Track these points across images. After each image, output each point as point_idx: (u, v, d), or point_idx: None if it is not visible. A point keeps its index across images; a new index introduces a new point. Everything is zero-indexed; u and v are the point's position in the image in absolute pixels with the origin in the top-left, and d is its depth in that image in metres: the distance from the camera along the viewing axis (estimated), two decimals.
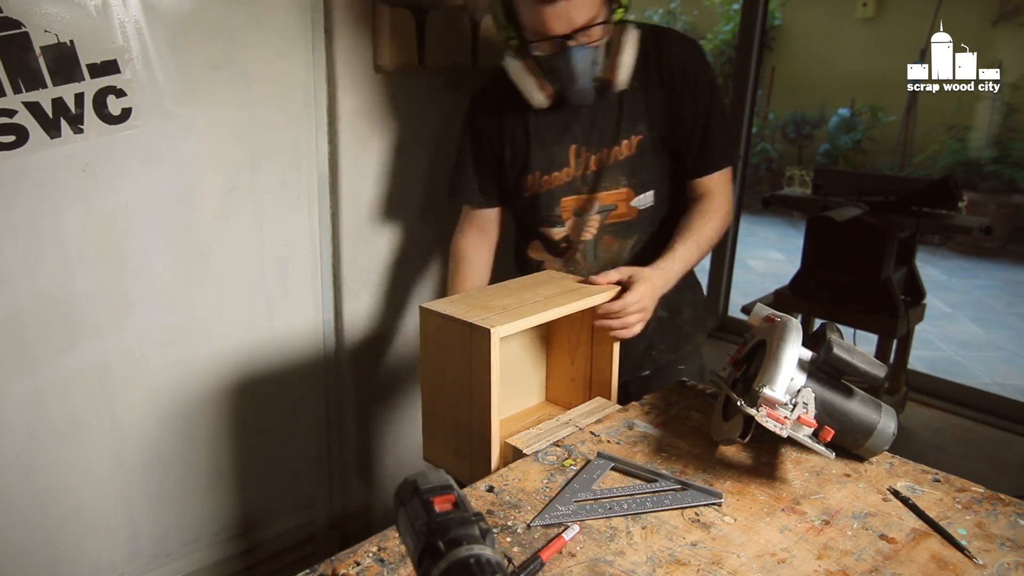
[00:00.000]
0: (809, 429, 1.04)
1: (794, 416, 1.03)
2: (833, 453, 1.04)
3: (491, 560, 0.59)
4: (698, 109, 1.45)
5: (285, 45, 1.60)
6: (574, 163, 1.51)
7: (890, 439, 1.10)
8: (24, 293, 1.39)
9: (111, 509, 1.60)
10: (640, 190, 1.50)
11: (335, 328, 1.87)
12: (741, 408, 1.05)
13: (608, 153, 1.48)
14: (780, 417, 1.03)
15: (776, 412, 1.03)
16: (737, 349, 1.26)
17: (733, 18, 7.45)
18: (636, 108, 1.46)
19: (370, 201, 1.83)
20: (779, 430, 1.02)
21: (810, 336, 1.18)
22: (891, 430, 1.10)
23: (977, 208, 5.96)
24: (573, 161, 1.51)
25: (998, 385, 3.68)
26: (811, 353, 1.13)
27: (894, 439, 1.11)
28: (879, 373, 1.09)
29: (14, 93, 1.28)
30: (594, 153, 1.49)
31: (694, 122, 1.45)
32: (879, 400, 1.12)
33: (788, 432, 1.03)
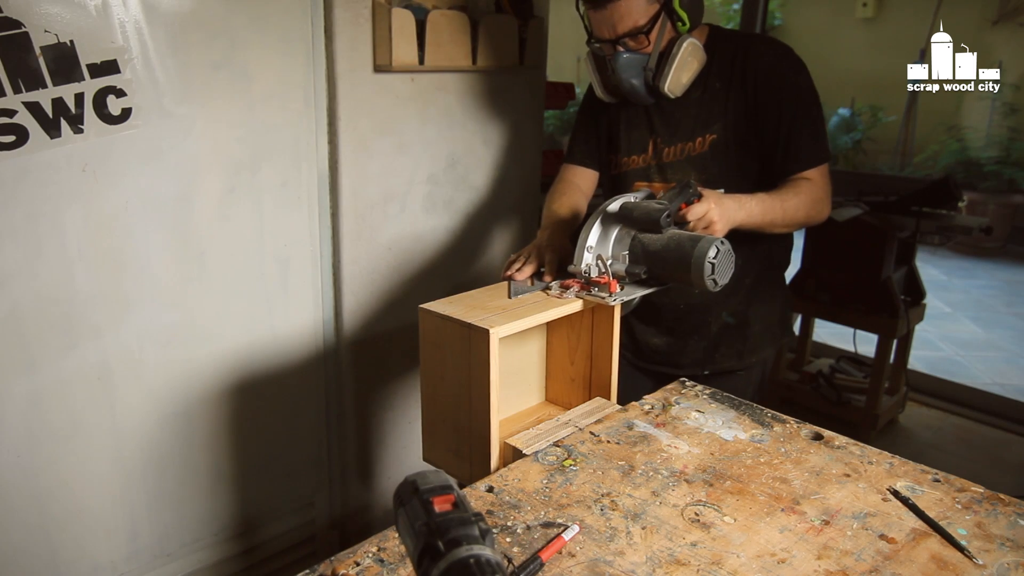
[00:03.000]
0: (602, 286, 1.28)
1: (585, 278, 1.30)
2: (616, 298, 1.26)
3: (491, 560, 0.59)
4: (784, 108, 1.48)
5: (285, 45, 1.60)
6: (650, 151, 1.61)
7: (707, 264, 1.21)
8: (24, 293, 1.39)
9: (111, 509, 1.60)
10: (710, 187, 1.52)
11: (335, 328, 1.87)
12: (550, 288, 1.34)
13: (682, 148, 1.57)
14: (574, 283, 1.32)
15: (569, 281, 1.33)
16: None
17: (733, 18, 7.44)
18: (714, 108, 1.53)
19: (370, 201, 1.83)
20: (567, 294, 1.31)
21: None
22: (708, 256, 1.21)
23: (977, 208, 5.96)
24: (650, 150, 1.61)
25: (998, 385, 3.68)
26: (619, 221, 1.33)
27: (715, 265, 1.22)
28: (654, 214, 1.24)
29: (14, 93, 1.28)
30: (668, 146, 1.58)
31: (780, 121, 1.49)
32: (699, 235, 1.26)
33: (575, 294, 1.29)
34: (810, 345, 3.31)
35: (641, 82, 1.50)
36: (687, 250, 1.24)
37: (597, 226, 1.33)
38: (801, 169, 1.50)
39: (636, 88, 1.51)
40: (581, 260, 1.32)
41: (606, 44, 1.50)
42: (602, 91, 1.61)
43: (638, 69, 1.49)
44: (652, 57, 1.48)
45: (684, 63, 1.48)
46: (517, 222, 2.16)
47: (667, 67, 1.47)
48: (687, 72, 1.50)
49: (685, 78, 1.50)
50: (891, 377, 3.01)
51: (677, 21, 1.46)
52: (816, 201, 1.49)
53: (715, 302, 1.62)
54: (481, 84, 1.95)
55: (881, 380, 2.87)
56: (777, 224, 1.46)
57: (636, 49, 1.48)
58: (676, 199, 1.30)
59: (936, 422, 3.14)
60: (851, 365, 3.25)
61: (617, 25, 1.44)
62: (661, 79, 1.48)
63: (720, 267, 1.24)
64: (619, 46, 1.48)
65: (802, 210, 1.47)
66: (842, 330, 3.15)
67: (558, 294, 1.31)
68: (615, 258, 1.33)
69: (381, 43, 1.71)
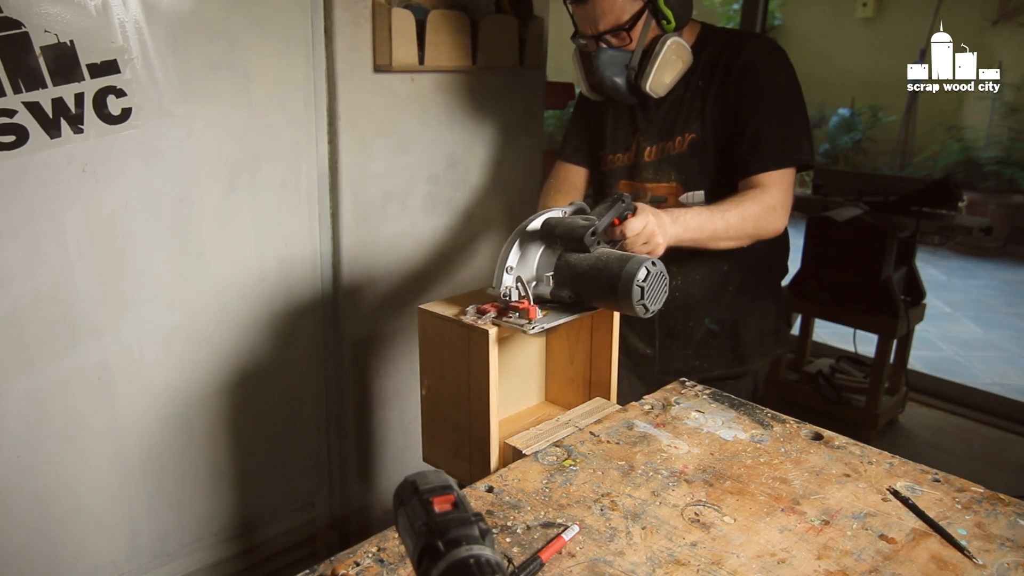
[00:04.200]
0: (521, 311, 1.16)
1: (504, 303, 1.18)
2: (535, 327, 1.15)
3: (491, 560, 0.59)
4: (756, 105, 1.44)
5: (285, 45, 1.60)
6: (633, 150, 1.60)
7: (635, 288, 1.10)
8: (24, 293, 1.39)
9: (111, 509, 1.60)
10: (689, 187, 1.53)
11: (335, 328, 1.87)
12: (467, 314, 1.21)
13: (661, 147, 1.55)
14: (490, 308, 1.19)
15: (485, 306, 1.20)
16: None
17: (733, 18, 7.45)
18: (694, 108, 1.51)
19: (370, 201, 1.83)
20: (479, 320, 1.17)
21: None
22: (637, 278, 1.10)
23: (977, 208, 5.96)
24: (633, 148, 1.60)
25: (998, 385, 3.68)
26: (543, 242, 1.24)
27: (644, 289, 1.11)
28: (578, 233, 1.15)
29: (14, 93, 1.28)
30: (650, 144, 1.56)
31: (750, 119, 1.44)
32: (629, 255, 1.15)
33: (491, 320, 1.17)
34: (810, 345, 3.31)
35: (623, 80, 1.48)
36: (614, 271, 1.13)
37: (517, 245, 1.23)
38: (761, 170, 1.44)
39: (618, 86, 1.48)
40: (500, 282, 1.20)
41: (589, 40, 1.47)
42: (586, 88, 1.59)
43: (620, 67, 1.46)
44: (635, 55, 1.45)
45: (667, 62, 1.45)
46: (517, 222, 2.15)
47: (649, 66, 1.44)
48: (670, 72, 1.46)
49: (668, 78, 1.47)
50: (891, 377, 3.01)
51: (662, 19, 1.43)
52: (768, 210, 1.42)
53: (697, 306, 1.60)
54: (481, 84, 1.95)
55: (881, 380, 2.87)
56: (720, 238, 1.39)
57: (619, 46, 1.46)
58: (606, 214, 1.21)
59: (936, 422, 3.14)
60: (851, 365, 3.25)
61: (599, 21, 1.43)
62: (643, 78, 1.45)
63: (651, 291, 1.13)
64: (601, 42, 1.46)
65: (749, 222, 1.40)
66: (842, 330, 3.15)
67: (472, 320, 1.18)
68: (540, 280, 1.22)
69: (381, 43, 1.71)
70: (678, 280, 1.58)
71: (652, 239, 1.26)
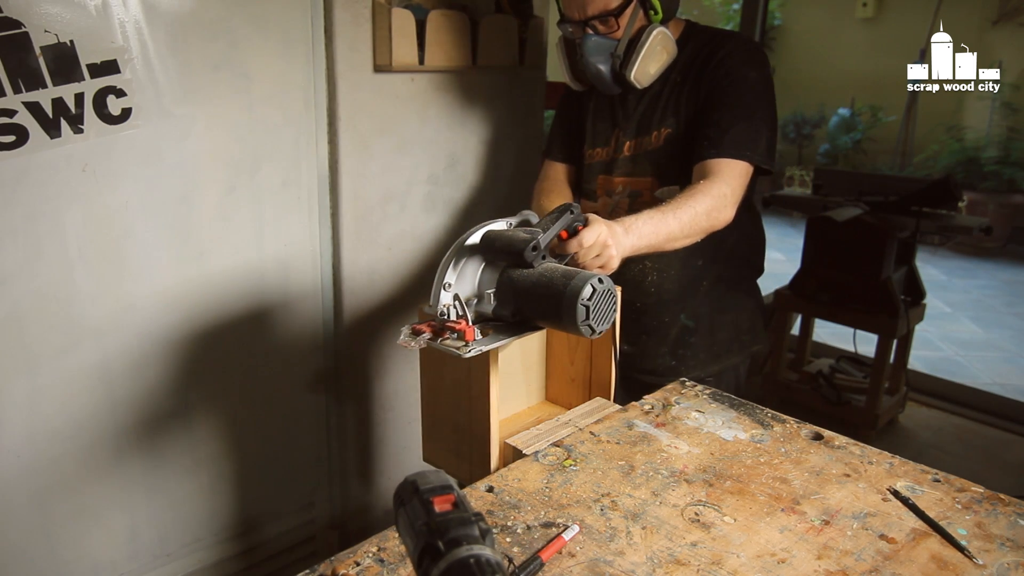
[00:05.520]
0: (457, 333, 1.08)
1: (441, 323, 1.09)
2: (469, 349, 1.06)
3: (491, 560, 0.59)
4: (723, 95, 1.43)
5: (285, 45, 1.60)
6: (613, 144, 1.59)
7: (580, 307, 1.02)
8: (24, 293, 1.39)
9: (111, 509, 1.60)
10: (664, 182, 1.52)
11: (335, 328, 1.87)
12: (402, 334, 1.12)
13: (639, 142, 1.55)
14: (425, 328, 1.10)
15: (419, 326, 1.11)
16: None
17: (733, 18, 7.45)
18: (671, 102, 1.51)
19: (370, 201, 1.83)
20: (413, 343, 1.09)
21: None
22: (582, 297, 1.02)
23: (977, 208, 5.96)
24: (613, 143, 1.59)
25: (998, 385, 3.68)
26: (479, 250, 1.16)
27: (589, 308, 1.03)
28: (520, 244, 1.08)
29: (14, 93, 1.28)
30: (628, 139, 1.56)
31: (712, 107, 1.44)
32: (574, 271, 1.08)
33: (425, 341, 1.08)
34: (810, 345, 3.31)
35: (608, 68, 1.46)
36: (557, 288, 1.05)
37: (455, 261, 1.14)
38: (715, 156, 1.39)
39: (602, 74, 1.47)
40: (437, 300, 1.12)
41: (575, 26, 1.46)
42: (570, 77, 1.58)
43: (605, 54, 1.45)
44: (621, 44, 1.44)
45: (652, 52, 1.44)
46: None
47: (635, 55, 1.43)
48: (655, 63, 1.46)
49: (653, 68, 1.46)
50: (891, 377, 3.01)
51: (650, 9, 1.43)
52: (719, 199, 1.36)
53: (671, 302, 1.59)
54: (481, 84, 1.95)
55: (881, 380, 2.87)
56: (676, 239, 1.34)
57: (605, 34, 1.44)
58: (552, 226, 1.13)
59: (936, 422, 3.14)
60: (851, 365, 3.25)
61: (587, 6, 1.42)
62: (628, 67, 1.44)
63: (597, 311, 1.05)
64: (588, 28, 1.45)
65: (701, 217, 1.34)
66: (842, 330, 3.15)
67: (406, 343, 1.10)
68: (482, 297, 1.14)
69: (381, 43, 1.71)
70: (653, 276, 1.58)
71: (605, 251, 1.19)
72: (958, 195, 2.93)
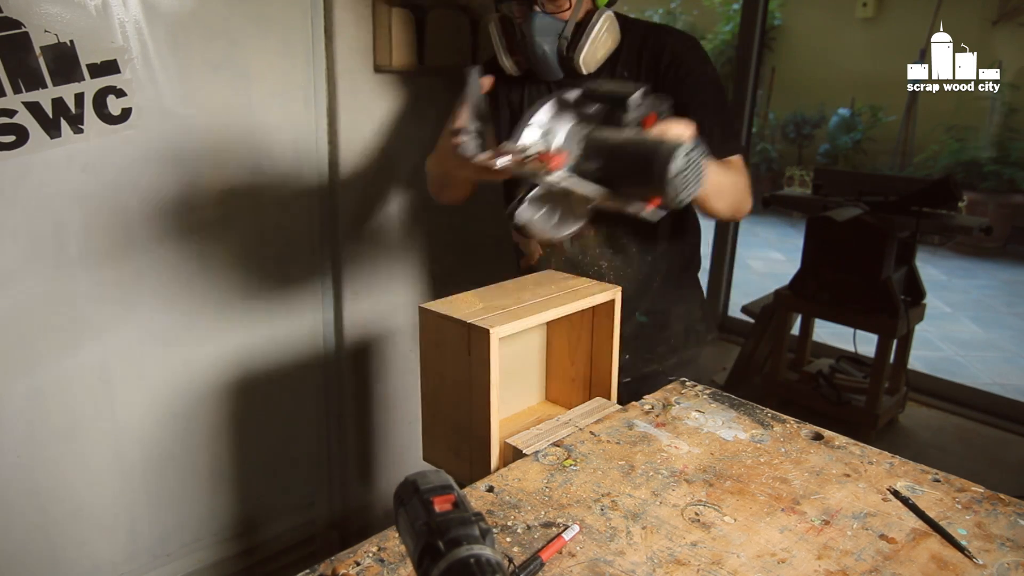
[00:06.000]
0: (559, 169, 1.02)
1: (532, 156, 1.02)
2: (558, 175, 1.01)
3: (491, 560, 0.59)
4: (697, 101, 1.40)
5: (285, 45, 1.60)
6: None
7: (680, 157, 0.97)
8: (24, 293, 1.39)
9: (111, 509, 1.60)
10: None
11: (335, 328, 1.87)
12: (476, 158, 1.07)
13: None
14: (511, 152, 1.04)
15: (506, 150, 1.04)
16: None
17: (733, 18, 7.44)
18: None
19: (370, 201, 1.83)
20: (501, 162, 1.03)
21: None
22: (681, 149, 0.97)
23: (977, 208, 5.96)
24: None
25: (998, 385, 3.69)
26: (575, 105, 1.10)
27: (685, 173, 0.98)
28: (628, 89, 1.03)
29: (14, 93, 1.28)
30: None
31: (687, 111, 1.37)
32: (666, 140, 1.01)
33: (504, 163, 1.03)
34: (810, 345, 3.31)
35: (554, 50, 1.39)
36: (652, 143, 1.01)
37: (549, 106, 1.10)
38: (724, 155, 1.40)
39: (547, 56, 1.39)
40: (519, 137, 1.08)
41: (521, 5, 1.38)
42: (507, 59, 1.46)
43: (553, 35, 1.38)
44: (568, 25, 1.37)
45: (600, 37, 1.38)
46: None
47: (584, 38, 1.37)
48: (602, 48, 1.40)
49: (600, 53, 1.40)
50: (891, 377, 3.01)
51: None
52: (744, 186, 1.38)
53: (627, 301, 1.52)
54: None
55: (881, 380, 2.87)
56: (725, 194, 1.32)
57: (552, 13, 1.37)
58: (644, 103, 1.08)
59: (936, 422, 3.14)
60: (851, 365, 3.25)
61: None
62: (576, 50, 1.37)
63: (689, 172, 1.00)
64: (536, 5, 1.36)
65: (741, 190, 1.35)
66: (842, 330, 3.15)
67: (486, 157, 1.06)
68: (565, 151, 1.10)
69: (381, 43, 1.71)
70: (610, 276, 1.54)
71: None
72: (958, 195, 2.92)
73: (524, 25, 1.39)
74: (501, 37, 1.46)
